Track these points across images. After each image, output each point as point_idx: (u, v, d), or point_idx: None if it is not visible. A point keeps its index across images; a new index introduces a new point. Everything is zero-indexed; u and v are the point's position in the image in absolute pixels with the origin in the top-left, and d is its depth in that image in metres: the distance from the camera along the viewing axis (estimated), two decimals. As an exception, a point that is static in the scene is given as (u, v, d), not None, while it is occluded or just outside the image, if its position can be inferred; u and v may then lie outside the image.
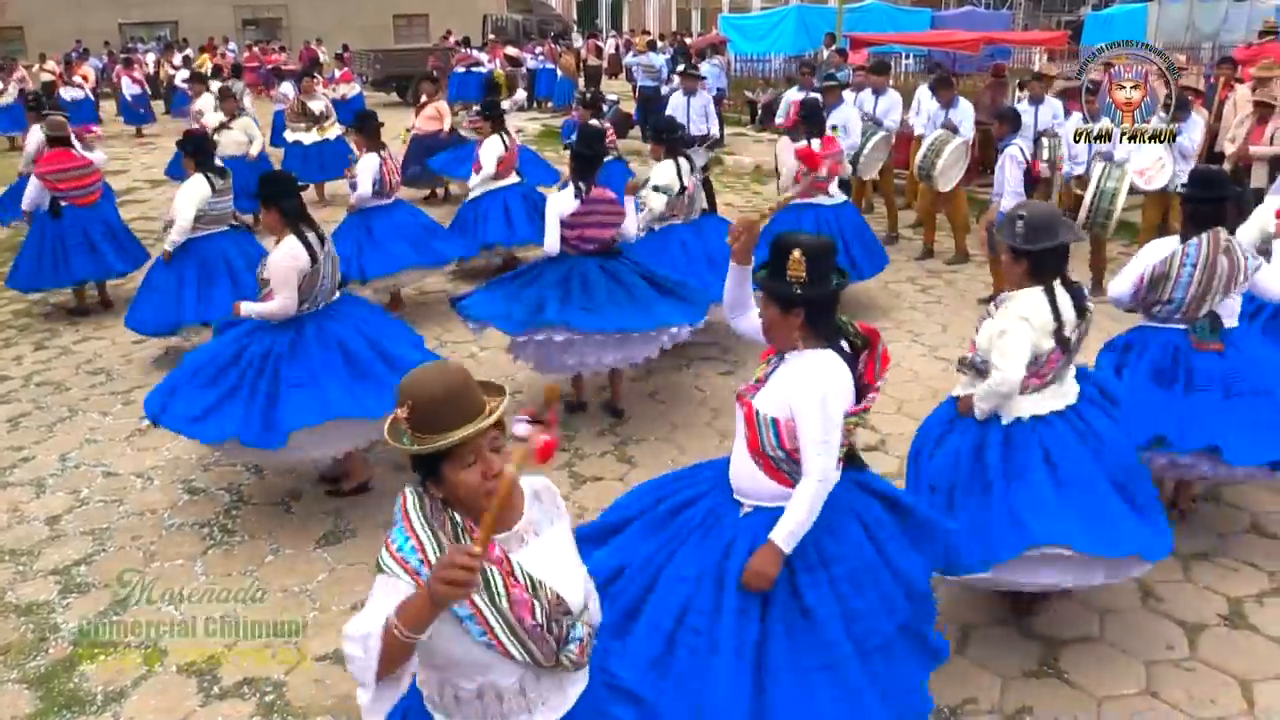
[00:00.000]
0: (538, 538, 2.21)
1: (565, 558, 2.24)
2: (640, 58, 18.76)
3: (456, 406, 2.04)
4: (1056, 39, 17.27)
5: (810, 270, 2.91)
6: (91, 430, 6.36)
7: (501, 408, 2.10)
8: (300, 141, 12.75)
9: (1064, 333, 3.69)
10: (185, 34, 33.36)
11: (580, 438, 6.08)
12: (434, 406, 2.03)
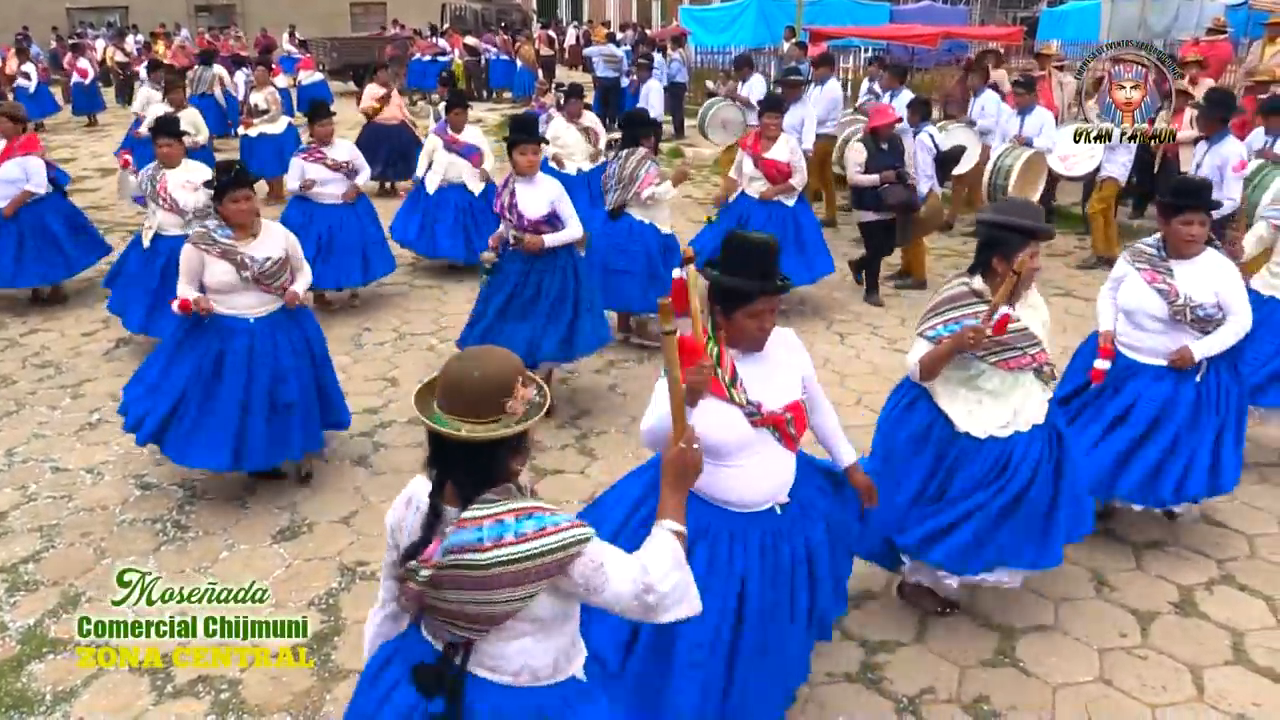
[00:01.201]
0: None
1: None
2: (601, 48, 18.76)
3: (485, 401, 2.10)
4: (1012, 34, 17.47)
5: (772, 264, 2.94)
6: (40, 425, 6.22)
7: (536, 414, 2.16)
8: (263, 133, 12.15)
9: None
10: (135, 19, 32.75)
11: (540, 431, 6.05)
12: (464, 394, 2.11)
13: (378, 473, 5.51)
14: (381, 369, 7.06)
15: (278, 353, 4.96)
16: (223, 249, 4.81)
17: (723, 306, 2.93)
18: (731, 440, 2.94)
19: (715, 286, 2.93)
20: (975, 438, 3.75)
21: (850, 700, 3.72)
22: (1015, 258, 3.53)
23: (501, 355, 2.17)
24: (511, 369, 2.14)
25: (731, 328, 2.94)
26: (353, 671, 3.90)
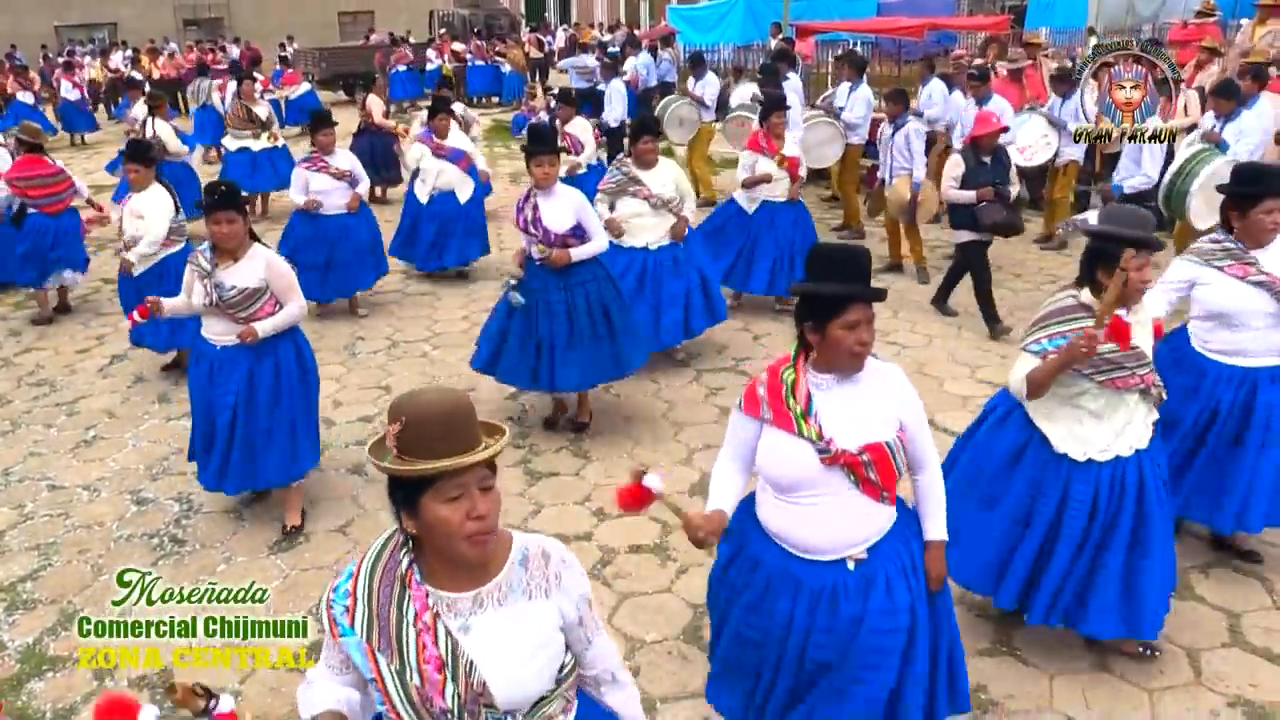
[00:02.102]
0: (500, 608, 1.97)
1: (524, 643, 1.98)
2: (574, 60, 18.85)
3: (451, 433, 1.87)
4: (999, 23, 17.47)
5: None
6: (36, 443, 6.23)
7: (500, 446, 1.94)
8: (248, 148, 11.96)
9: None
10: (124, 35, 32.66)
11: (535, 434, 6.06)
12: (427, 428, 1.87)
13: (373, 480, 5.51)
14: (376, 377, 7.07)
15: (237, 384, 4.75)
16: (197, 270, 4.69)
17: (814, 321, 2.69)
18: (794, 475, 2.74)
19: (804, 300, 2.74)
20: (1074, 460, 3.54)
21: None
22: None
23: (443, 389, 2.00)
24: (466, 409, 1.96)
25: (825, 346, 2.70)
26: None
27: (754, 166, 7.53)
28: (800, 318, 2.76)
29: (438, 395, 1.94)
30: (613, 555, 4.72)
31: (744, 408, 2.84)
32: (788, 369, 2.77)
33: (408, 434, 1.88)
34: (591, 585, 4.46)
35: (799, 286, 2.76)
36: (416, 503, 1.89)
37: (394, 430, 1.89)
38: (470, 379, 6.94)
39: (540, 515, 5.10)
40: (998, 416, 3.77)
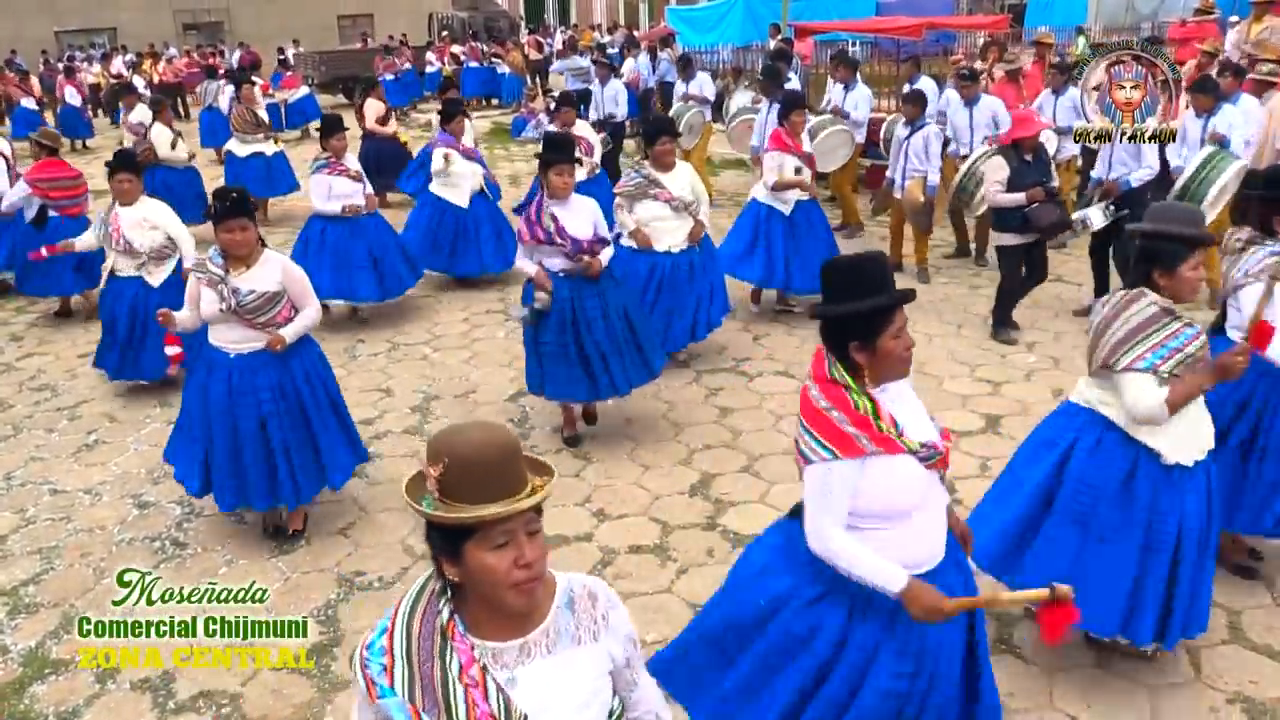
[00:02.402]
0: (549, 656, 1.84)
1: (577, 691, 1.86)
2: (566, 62, 18.84)
3: (499, 476, 1.74)
4: (998, 22, 17.47)
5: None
6: (37, 447, 6.24)
7: (549, 489, 1.81)
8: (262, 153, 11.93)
9: None
10: (124, 40, 32.71)
11: (535, 435, 6.07)
12: (473, 471, 1.72)
13: (374, 483, 5.52)
14: (376, 380, 7.08)
15: (258, 394, 4.65)
16: (209, 278, 4.56)
17: (863, 341, 2.56)
18: (912, 493, 2.60)
19: (846, 324, 2.59)
20: (1185, 466, 3.39)
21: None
22: (1178, 270, 3.29)
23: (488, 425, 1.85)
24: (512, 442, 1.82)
25: (876, 361, 2.58)
26: (352, 681, 3.92)
27: (782, 167, 7.41)
28: (837, 341, 2.61)
29: (483, 434, 1.78)
30: (613, 556, 4.73)
31: (843, 454, 2.54)
32: (855, 395, 2.57)
33: (451, 476, 1.72)
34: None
35: (832, 309, 2.61)
36: (459, 549, 1.75)
37: (435, 472, 1.74)
38: (471, 381, 6.96)
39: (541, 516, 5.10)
40: (1088, 447, 3.50)
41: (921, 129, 8.40)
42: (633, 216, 6.40)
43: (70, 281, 8.35)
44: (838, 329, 2.61)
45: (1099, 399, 3.49)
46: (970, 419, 6.00)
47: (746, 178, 12.82)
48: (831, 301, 2.62)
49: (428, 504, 1.76)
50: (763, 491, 5.26)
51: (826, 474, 2.56)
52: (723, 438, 5.91)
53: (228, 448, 4.68)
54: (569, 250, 5.38)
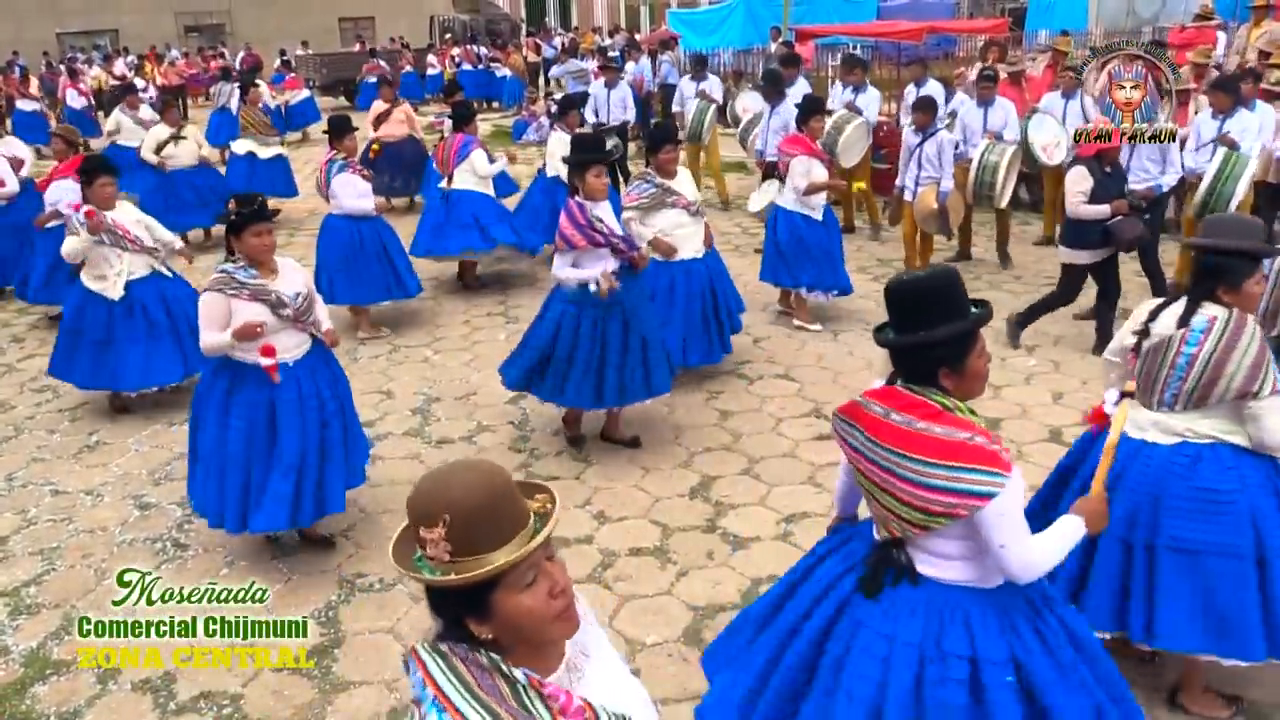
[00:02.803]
0: (588, 659, 1.77)
1: (620, 668, 1.85)
2: (565, 66, 18.86)
3: (507, 513, 1.59)
4: (998, 26, 17.49)
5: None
6: (38, 448, 6.25)
7: (555, 507, 1.68)
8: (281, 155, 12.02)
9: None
10: (126, 42, 32.76)
11: (535, 438, 6.08)
12: (479, 518, 1.56)
13: (374, 485, 5.52)
14: (377, 382, 7.08)
15: (322, 395, 4.61)
16: (253, 290, 4.34)
17: (951, 365, 2.47)
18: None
19: (938, 346, 2.47)
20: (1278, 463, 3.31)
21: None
22: (1243, 286, 3.22)
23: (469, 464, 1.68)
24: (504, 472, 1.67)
25: (964, 382, 2.50)
26: (353, 683, 3.94)
27: (810, 171, 7.29)
28: (924, 369, 2.50)
29: (474, 476, 1.61)
30: (613, 558, 4.74)
31: (1005, 470, 2.39)
32: (968, 412, 2.47)
33: (457, 532, 1.55)
34: (592, 588, 4.51)
35: (916, 339, 2.47)
36: (485, 603, 1.59)
37: (439, 534, 1.55)
38: (471, 384, 6.97)
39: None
40: (1185, 466, 3.31)
41: (934, 135, 8.27)
42: (651, 228, 6.17)
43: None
44: (922, 357, 2.49)
45: (1218, 429, 3.30)
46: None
47: (748, 180, 12.83)
48: (908, 327, 2.49)
49: (433, 569, 1.58)
50: (763, 494, 5.27)
51: (1009, 496, 2.38)
52: (723, 440, 5.92)
53: (291, 465, 4.48)
54: (624, 246, 5.34)
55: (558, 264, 5.43)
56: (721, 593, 4.41)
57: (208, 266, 8.02)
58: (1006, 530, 2.40)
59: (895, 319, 2.55)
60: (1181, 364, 3.26)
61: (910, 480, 2.42)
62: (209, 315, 4.36)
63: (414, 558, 1.63)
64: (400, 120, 12.12)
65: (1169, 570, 3.29)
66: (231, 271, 4.38)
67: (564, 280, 5.43)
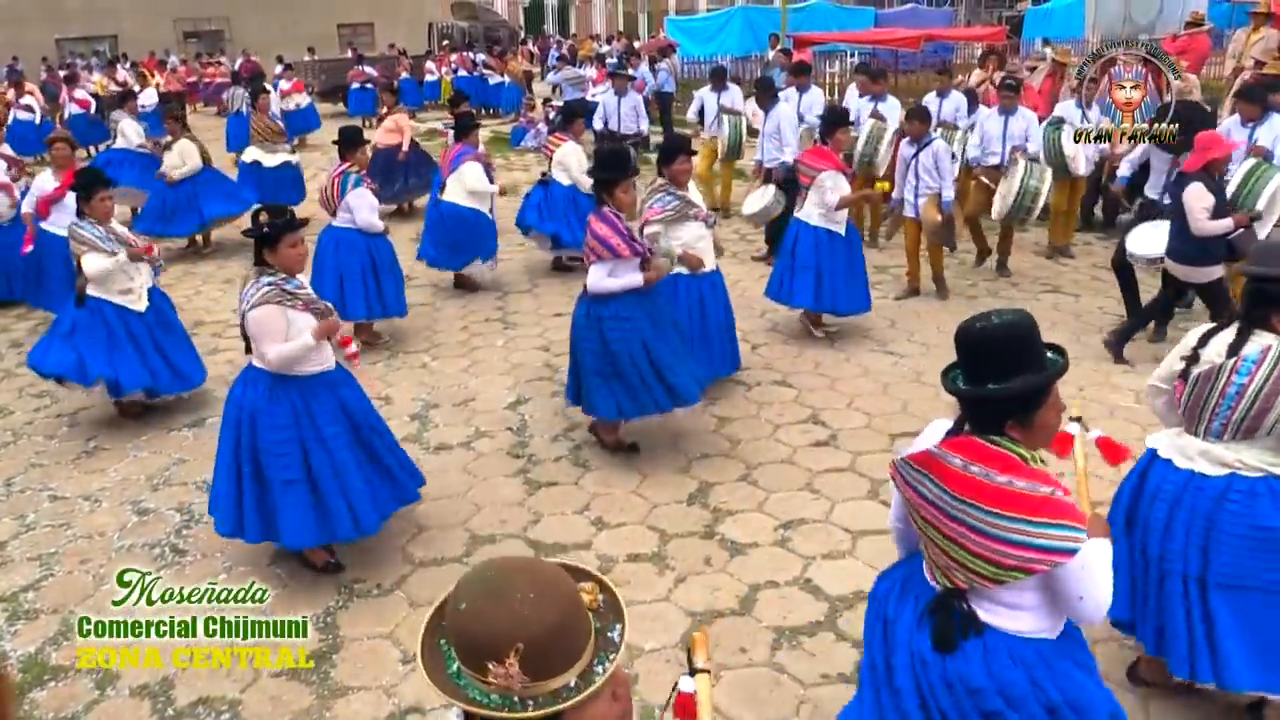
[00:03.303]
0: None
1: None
2: (563, 73, 18.87)
3: (578, 626, 1.47)
4: (995, 34, 17.58)
5: None
6: (37, 454, 6.26)
7: (618, 596, 1.59)
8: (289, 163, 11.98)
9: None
10: (125, 48, 32.81)
11: (535, 444, 6.09)
12: (555, 641, 1.43)
13: (373, 491, 5.53)
14: (375, 388, 7.08)
15: (363, 400, 4.73)
16: (304, 300, 4.37)
17: (1019, 419, 2.42)
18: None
19: (997, 399, 2.42)
20: None
21: (845, 701, 3.73)
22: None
23: (535, 569, 1.52)
24: (565, 575, 1.54)
25: (1032, 434, 2.45)
26: (351, 688, 3.95)
27: (838, 186, 7.15)
28: (990, 419, 2.45)
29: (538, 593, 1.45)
30: (611, 564, 4.75)
31: (1083, 523, 2.40)
32: (1035, 461, 2.44)
33: (533, 662, 1.41)
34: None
35: (985, 392, 2.42)
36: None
37: (513, 665, 1.41)
38: (470, 389, 6.98)
39: (540, 524, 5.13)
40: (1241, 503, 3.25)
41: (929, 145, 8.14)
42: (676, 241, 6.01)
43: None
44: (991, 409, 2.44)
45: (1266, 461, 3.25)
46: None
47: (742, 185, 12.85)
48: (979, 377, 2.43)
49: (497, 699, 1.44)
50: (760, 500, 5.29)
51: (1090, 553, 2.37)
52: (721, 447, 5.93)
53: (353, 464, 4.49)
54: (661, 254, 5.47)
55: (596, 274, 5.28)
56: (719, 599, 4.42)
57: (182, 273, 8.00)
58: (1086, 582, 2.38)
59: (966, 365, 2.49)
60: (1231, 393, 3.23)
61: (985, 533, 2.37)
62: (272, 329, 4.27)
63: (454, 675, 1.48)
64: (389, 129, 12.14)
65: (1223, 608, 3.26)
66: (279, 283, 4.32)
67: (603, 290, 5.31)
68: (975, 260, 9.37)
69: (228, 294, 9.66)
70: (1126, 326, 7.10)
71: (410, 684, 3.95)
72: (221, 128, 18.03)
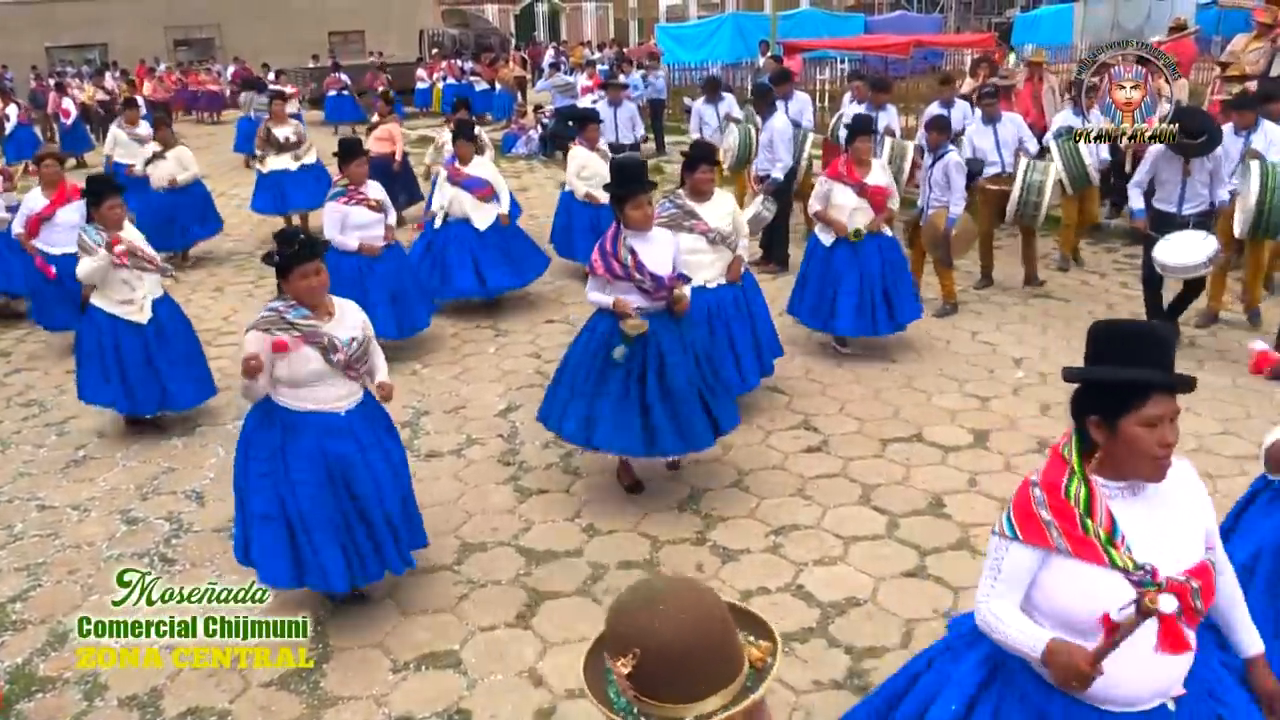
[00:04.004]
0: None
1: None
2: (552, 80, 18.90)
3: (710, 670, 1.42)
4: (984, 40, 17.64)
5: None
6: (25, 463, 6.22)
7: (777, 662, 1.49)
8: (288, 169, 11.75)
9: None
10: (115, 56, 32.76)
11: (526, 450, 6.07)
12: (673, 667, 1.39)
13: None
14: (366, 395, 7.07)
15: (383, 446, 4.29)
16: (305, 332, 3.98)
17: (1103, 415, 2.19)
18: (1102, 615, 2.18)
19: (1087, 389, 2.25)
20: None
21: (837, 707, 3.73)
22: None
23: (704, 596, 1.49)
24: (725, 619, 1.48)
25: (1116, 447, 2.18)
26: (341, 698, 3.92)
27: (828, 195, 6.99)
28: (1081, 410, 2.25)
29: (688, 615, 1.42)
30: (603, 571, 4.73)
31: (1022, 536, 2.25)
32: (1072, 480, 2.23)
33: (644, 673, 1.40)
34: (581, 602, 4.50)
35: (1078, 371, 2.26)
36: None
37: (625, 667, 1.41)
38: (461, 397, 6.97)
39: (531, 531, 5.12)
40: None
41: (943, 158, 7.94)
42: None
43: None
44: (1077, 396, 2.28)
45: None
46: (959, 434, 6.03)
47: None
48: (1091, 359, 2.28)
49: (625, 707, 1.44)
50: (752, 506, 5.28)
51: (1001, 550, 2.30)
52: (712, 453, 5.90)
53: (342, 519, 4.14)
54: (650, 287, 4.91)
55: (589, 286, 5.14)
56: (711, 605, 4.40)
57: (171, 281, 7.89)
58: (986, 566, 2.36)
59: (1086, 355, 2.32)
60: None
61: None
62: (249, 352, 3.96)
63: (607, 673, 1.47)
64: (381, 137, 12.07)
65: None
66: (282, 310, 4.01)
67: (590, 301, 5.16)
68: (979, 280, 9.02)
69: (218, 301, 9.65)
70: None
71: (401, 693, 3.93)
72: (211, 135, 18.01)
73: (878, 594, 4.41)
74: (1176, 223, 6.95)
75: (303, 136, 12.04)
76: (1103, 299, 8.54)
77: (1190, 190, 6.98)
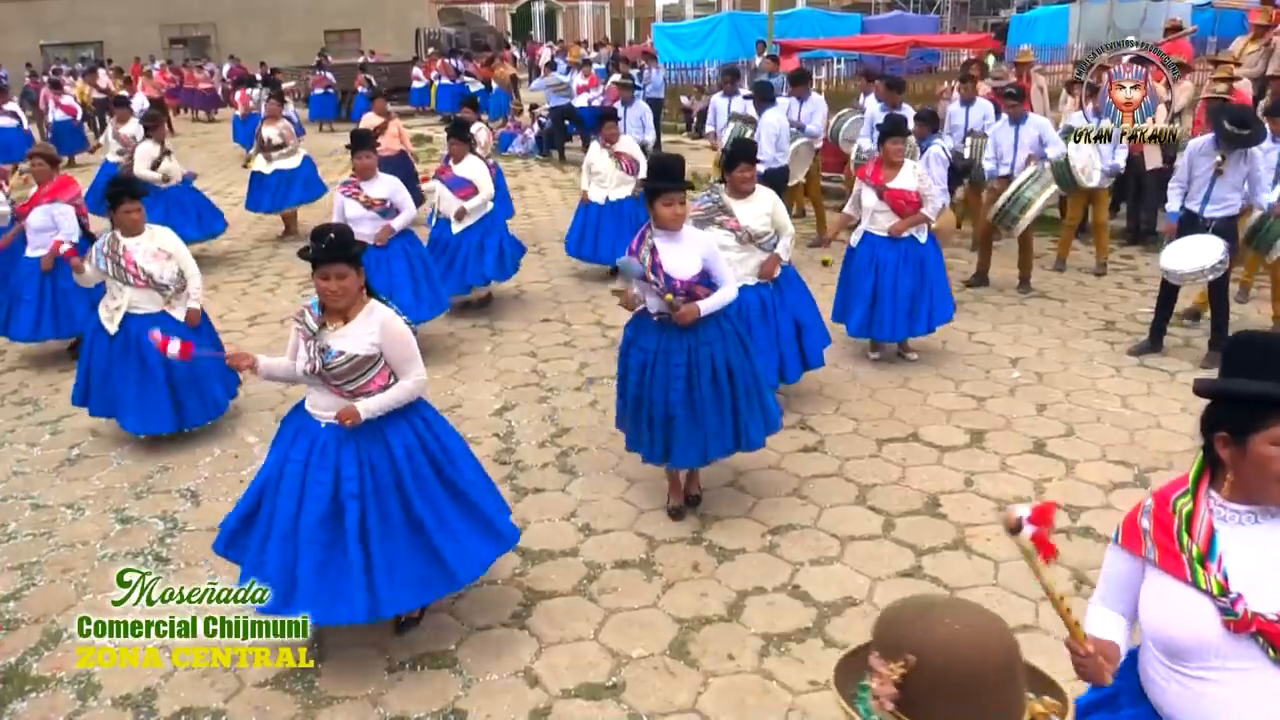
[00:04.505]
0: None
1: None
2: (546, 80, 18.89)
3: (985, 705, 1.31)
4: (981, 41, 17.67)
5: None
6: (19, 462, 6.20)
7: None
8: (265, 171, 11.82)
9: None
10: (110, 54, 32.67)
11: (521, 450, 6.07)
12: (948, 688, 1.30)
13: (359, 498, 5.50)
14: (362, 394, 7.06)
15: (341, 472, 3.86)
16: (303, 330, 3.93)
17: (1231, 429, 2.04)
18: (1187, 638, 2.06)
19: (1221, 400, 2.10)
20: None
21: (833, 707, 3.73)
22: None
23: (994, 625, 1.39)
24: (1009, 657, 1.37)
25: (1245, 467, 2.04)
26: (335, 698, 3.91)
27: (859, 196, 6.94)
28: (1210, 426, 2.11)
29: (973, 634, 1.32)
30: (599, 571, 4.72)
31: (1121, 539, 2.23)
32: (1183, 495, 2.13)
33: (914, 685, 1.32)
34: (577, 601, 4.50)
35: (1209, 384, 2.12)
36: None
37: (894, 673, 1.34)
38: (456, 396, 6.96)
39: (527, 531, 5.10)
40: None
41: (928, 149, 7.95)
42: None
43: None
44: (1209, 412, 2.13)
45: None
46: (955, 434, 6.03)
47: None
48: (1227, 370, 2.14)
49: (870, 711, 1.37)
50: (748, 506, 5.27)
51: (1108, 553, 2.30)
52: (709, 453, 5.91)
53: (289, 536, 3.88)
54: (662, 289, 4.73)
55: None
56: (707, 605, 4.40)
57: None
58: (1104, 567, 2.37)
59: (1220, 368, 2.20)
60: None
61: None
62: (289, 345, 4.02)
63: (860, 683, 1.40)
64: (392, 134, 12.02)
65: None
66: (309, 307, 3.95)
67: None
68: (971, 278, 9.04)
69: (213, 300, 9.61)
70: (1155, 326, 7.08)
71: (396, 693, 3.92)
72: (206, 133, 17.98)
73: (874, 594, 4.41)
74: (1198, 225, 6.85)
75: (288, 139, 12.03)
76: (1099, 299, 8.55)
77: (1217, 192, 6.86)
